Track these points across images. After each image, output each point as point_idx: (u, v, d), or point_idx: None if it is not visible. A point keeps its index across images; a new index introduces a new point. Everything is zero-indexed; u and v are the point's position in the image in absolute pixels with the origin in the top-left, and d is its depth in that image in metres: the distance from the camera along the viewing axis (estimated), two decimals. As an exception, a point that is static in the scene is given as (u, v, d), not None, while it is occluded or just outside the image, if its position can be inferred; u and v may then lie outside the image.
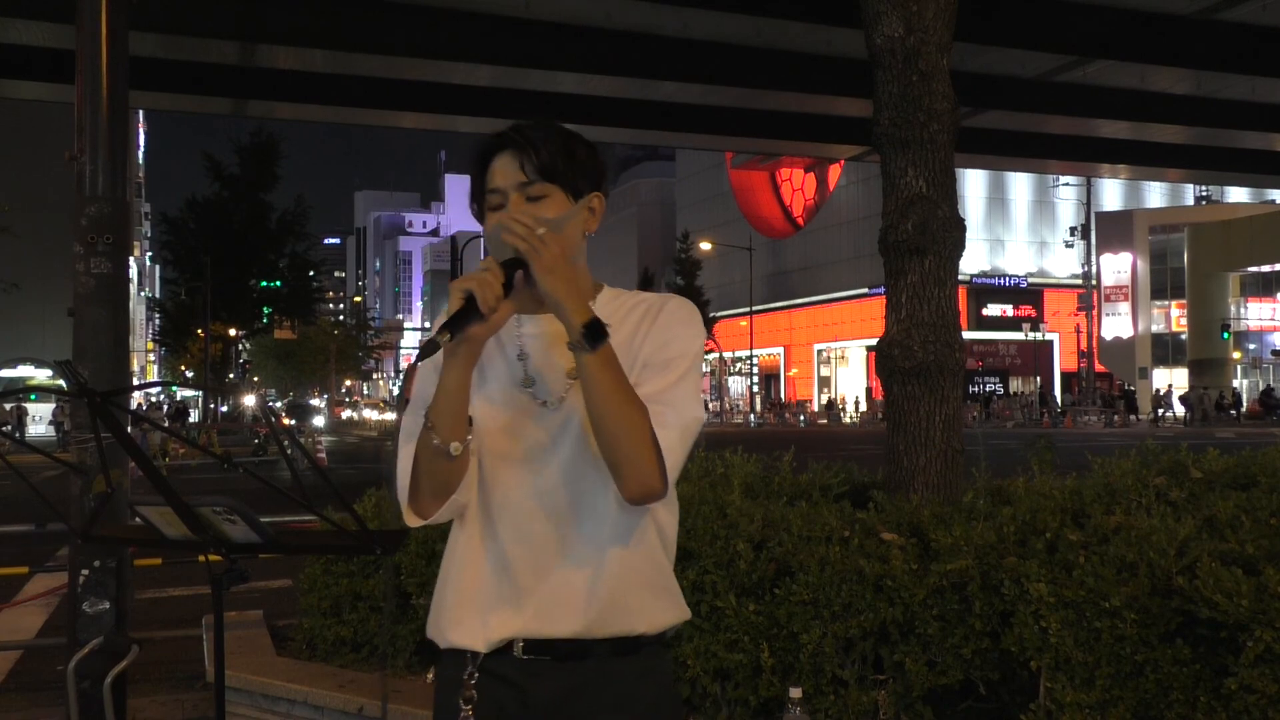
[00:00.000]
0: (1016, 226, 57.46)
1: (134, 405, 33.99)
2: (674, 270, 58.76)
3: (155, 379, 71.40)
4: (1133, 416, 44.58)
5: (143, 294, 75.98)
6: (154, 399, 54.31)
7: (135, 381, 23.99)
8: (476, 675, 1.68)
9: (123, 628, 4.03)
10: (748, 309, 57.43)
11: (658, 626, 1.72)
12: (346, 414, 74.58)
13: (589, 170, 1.71)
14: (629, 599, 1.68)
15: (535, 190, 1.66)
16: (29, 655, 6.16)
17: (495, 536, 1.70)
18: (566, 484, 1.67)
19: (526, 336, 1.73)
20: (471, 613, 1.70)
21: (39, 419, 42.43)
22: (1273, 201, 55.10)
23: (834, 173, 59.47)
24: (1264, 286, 51.75)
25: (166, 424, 30.67)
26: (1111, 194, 59.26)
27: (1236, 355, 49.90)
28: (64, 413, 32.63)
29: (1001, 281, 55.82)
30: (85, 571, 3.97)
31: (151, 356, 76.66)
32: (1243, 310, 51.51)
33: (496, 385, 1.72)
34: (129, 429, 3.14)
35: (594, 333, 1.54)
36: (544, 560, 1.67)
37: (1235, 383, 49.37)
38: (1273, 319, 51.67)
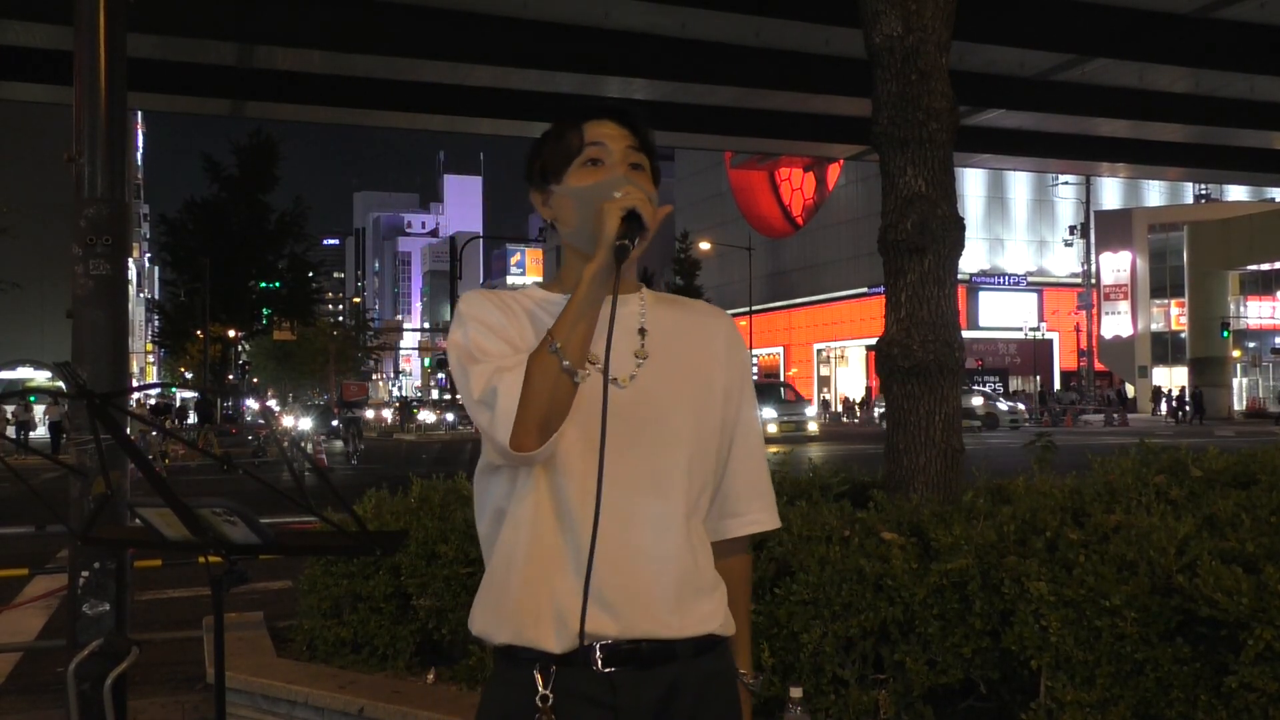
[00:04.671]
0: (1016, 225, 57.49)
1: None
2: (673, 270, 58.74)
3: (154, 380, 71.38)
4: (1185, 414, 43.74)
5: (142, 295, 75.98)
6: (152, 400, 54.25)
7: (134, 383, 23.98)
8: (550, 697, 1.49)
9: (123, 629, 4.02)
10: (747, 309, 57.41)
11: (727, 629, 1.64)
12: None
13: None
14: (703, 599, 1.60)
15: (638, 159, 1.65)
16: (29, 657, 6.16)
17: (569, 524, 1.54)
18: (639, 477, 1.56)
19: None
20: (544, 603, 1.51)
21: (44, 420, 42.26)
22: (1272, 200, 55.13)
23: (833, 172, 59.47)
24: (1263, 285, 51.70)
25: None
26: (1111, 193, 59.27)
27: (1236, 354, 49.88)
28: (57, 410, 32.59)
29: (1001, 280, 55.84)
30: (85, 573, 3.97)
31: (151, 358, 76.64)
32: (1242, 308, 51.47)
33: None
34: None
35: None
36: (619, 551, 1.52)
37: (1235, 381, 49.38)
38: (1272, 317, 51.60)
